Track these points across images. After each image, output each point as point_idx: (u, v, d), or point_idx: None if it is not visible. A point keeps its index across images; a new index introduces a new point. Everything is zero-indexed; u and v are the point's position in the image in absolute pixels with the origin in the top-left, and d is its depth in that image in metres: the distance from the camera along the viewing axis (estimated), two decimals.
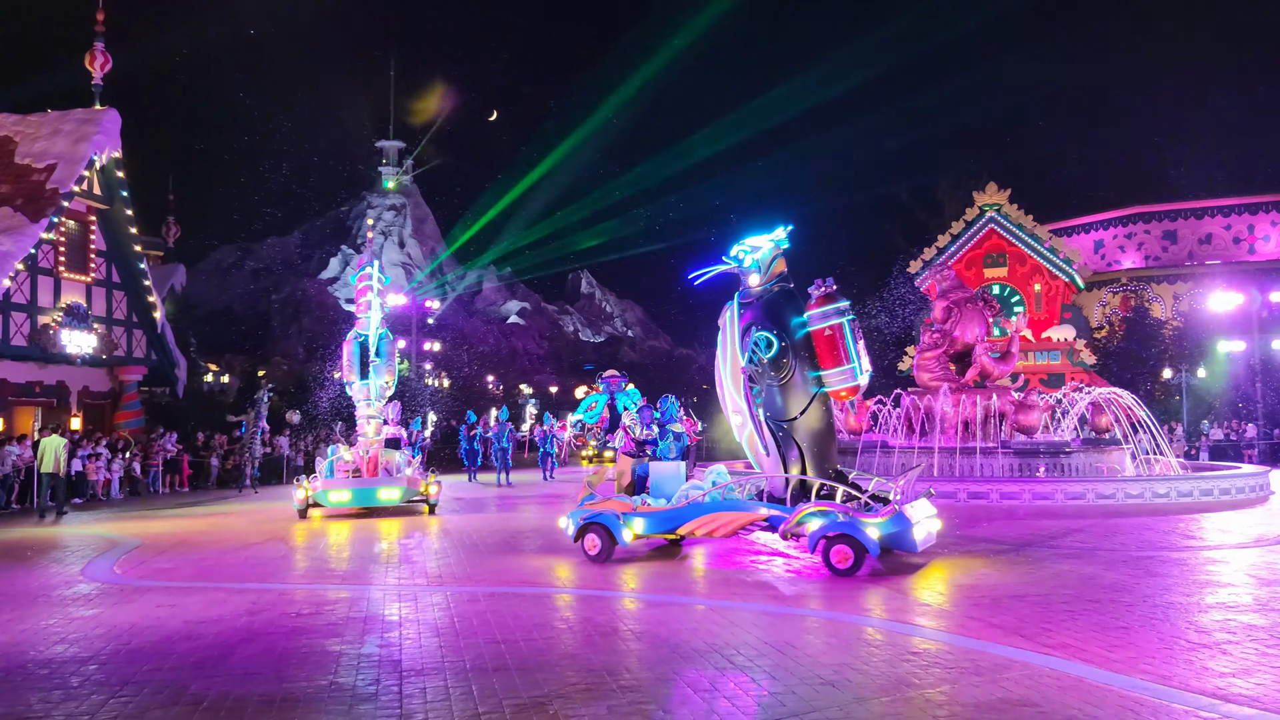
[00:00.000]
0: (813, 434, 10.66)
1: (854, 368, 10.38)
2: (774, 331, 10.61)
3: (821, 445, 10.70)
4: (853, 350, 10.40)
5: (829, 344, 10.42)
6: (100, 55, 26.38)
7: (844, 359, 10.38)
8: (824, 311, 10.48)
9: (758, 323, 10.74)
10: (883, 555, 10.10)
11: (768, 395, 10.82)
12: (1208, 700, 5.45)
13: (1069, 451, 17.81)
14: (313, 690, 5.91)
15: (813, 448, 10.65)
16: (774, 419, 10.77)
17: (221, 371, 38.55)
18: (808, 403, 10.61)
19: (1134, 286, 38.95)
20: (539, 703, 5.54)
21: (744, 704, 5.49)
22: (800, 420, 10.63)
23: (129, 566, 11.27)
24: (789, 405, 10.65)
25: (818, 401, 10.65)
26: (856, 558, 9.57)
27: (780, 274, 10.98)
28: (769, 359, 10.63)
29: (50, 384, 25.50)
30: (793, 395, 10.64)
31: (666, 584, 9.60)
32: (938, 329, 19.88)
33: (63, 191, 23.67)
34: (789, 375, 10.60)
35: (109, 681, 6.17)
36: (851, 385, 10.49)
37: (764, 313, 10.76)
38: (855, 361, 10.39)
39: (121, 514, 18.24)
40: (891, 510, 9.83)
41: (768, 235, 11.06)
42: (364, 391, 18.18)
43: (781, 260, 11.04)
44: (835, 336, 10.39)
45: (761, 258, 11.00)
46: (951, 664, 6.24)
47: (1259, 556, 10.94)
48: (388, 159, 78.14)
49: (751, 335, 10.72)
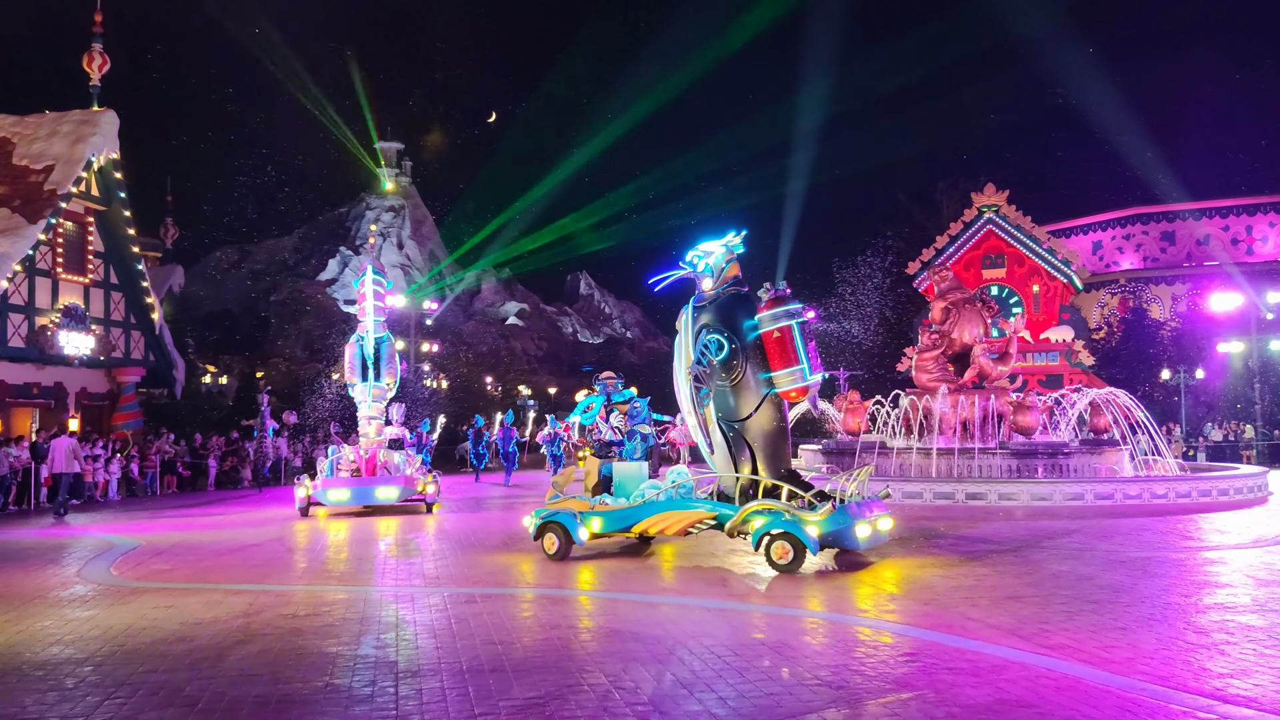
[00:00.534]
0: (764, 434, 10.89)
1: (803, 369, 10.65)
2: (725, 334, 10.89)
3: (773, 445, 10.93)
4: (802, 352, 10.64)
5: (779, 345, 10.68)
6: (98, 56, 26.38)
7: (793, 360, 10.64)
8: (774, 314, 10.74)
9: (710, 326, 11.03)
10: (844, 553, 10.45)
11: (719, 396, 11.08)
12: (1206, 701, 5.44)
13: (1067, 452, 17.79)
14: (309, 691, 5.89)
15: (764, 447, 10.89)
16: (726, 419, 11.04)
17: (220, 373, 38.51)
18: (759, 403, 10.86)
19: (1132, 287, 38.97)
20: (535, 704, 5.52)
21: (745, 707, 5.47)
22: (751, 420, 10.87)
23: (126, 568, 11.25)
24: (740, 406, 10.90)
25: (769, 402, 10.88)
26: (796, 554, 9.88)
27: (734, 278, 11.27)
28: (720, 360, 10.89)
29: (48, 385, 25.48)
30: (744, 396, 10.89)
31: (665, 585, 9.58)
32: (936, 330, 19.87)
33: (60, 193, 23.66)
34: (739, 376, 10.85)
35: (104, 683, 6.15)
36: (801, 386, 10.72)
37: (716, 316, 11.06)
38: (804, 363, 10.65)
39: (119, 515, 18.21)
40: (830, 508, 10.04)
41: (720, 240, 11.37)
42: (366, 393, 18.58)
43: (735, 265, 11.33)
44: (785, 338, 10.66)
45: (714, 263, 11.30)
46: (948, 665, 6.23)
47: (1257, 557, 10.93)
48: (386, 160, 78.13)
49: (702, 338, 11.04)
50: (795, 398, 10.98)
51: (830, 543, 10.09)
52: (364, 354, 18.83)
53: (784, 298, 10.90)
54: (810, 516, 9.93)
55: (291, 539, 13.93)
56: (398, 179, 77.20)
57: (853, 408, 19.69)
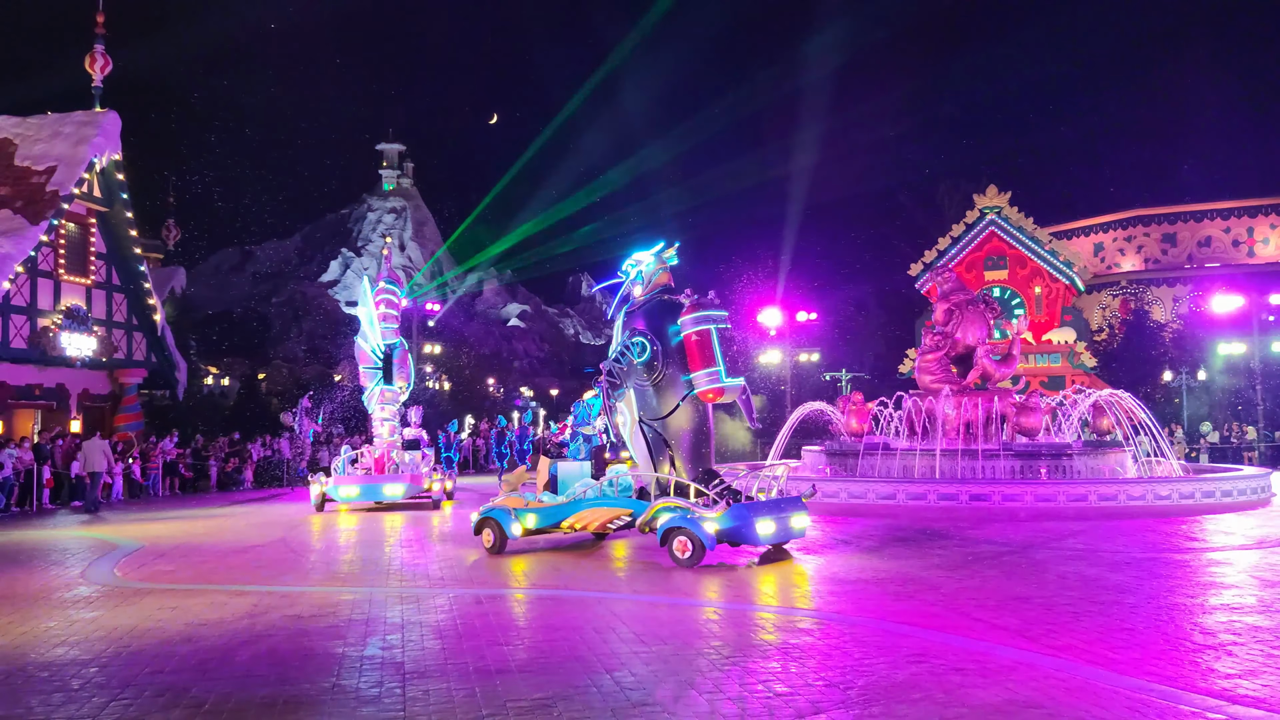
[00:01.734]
0: (682, 432, 11.57)
1: (719, 370, 11.28)
2: (649, 336, 11.63)
3: (691, 443, 11.55)
4: (719, 355, 11.27)
5: (698, 348, 11.33)
6: (100, 57, 26.38)
7: (711, 362, 11.28)
8: (695, 318, 11.38)
9: (635, 329, 11.79)
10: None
11: (641, 395, 11.76)
12: (1214, 701, 5.43)
13: (1071, 454, 17.77)
14: (315, 692, 5.88)
15: (682, 445, 11.56)
16: (647, 418, 11.70)
17: (221, 374, 38.52)
18: (678, 402, 11.54)
19: (1134, 289, 38.95)
20: (543, 705, 5.51)
21: (752, 705, 5.46)
22: (670, 419, 11.57)
23: (129, 569, 11.24)
24: (660, 404, 11.62)
25: (688, 402, 11.53)
26: (695, 550, 10.40)
27: (663, 285, 12.05)
28: (642, 362, 11.61)
29: (50, 387, 25.46)
30: (663, 395, 11.60)
31: (670, 585, 9.57)
32: (939, 331, 19.85)
33: (62, 194, 23.65)
34: (659, 376, 11.57)
35: (110, 684, 6.14)
36: (717, 387, 11.31)
37: (642, 319, 11.84)
38: (720, 365, 11.29)
39: (121, 517, 18.21)
40: (724, 507, 10.55)
41: (650, 250, 12.24)
42: (380, 396, 19.52)
43: (666, 274, 12.12)
44: (704, 341, 11.30)
45: (644, 271, 12.18)
46: (956, 665, 6.22)
47: (1261, 558, 10.92)
48: (388, 161, 78.17)
49: (625, 339, 11.83)
50: (712, 398, 11.51)
51: (729, 539, 10.55)
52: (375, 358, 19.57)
53: (705, 304, 11.51)
54: (708, 514, 10.47)
55: (295, 540, 13.92)
56: (400, 180, 77.23)
57: (856, 409, 19.67)
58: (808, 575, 10.00)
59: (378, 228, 73.43)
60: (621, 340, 11.92)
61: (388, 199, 75.90)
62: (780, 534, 10.89)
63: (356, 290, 69.39)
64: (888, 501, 16.09)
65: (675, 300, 11.86)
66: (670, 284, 12.09)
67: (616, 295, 12.55)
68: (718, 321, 11.37)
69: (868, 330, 46.09)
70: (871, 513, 15.73)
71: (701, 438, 11.61)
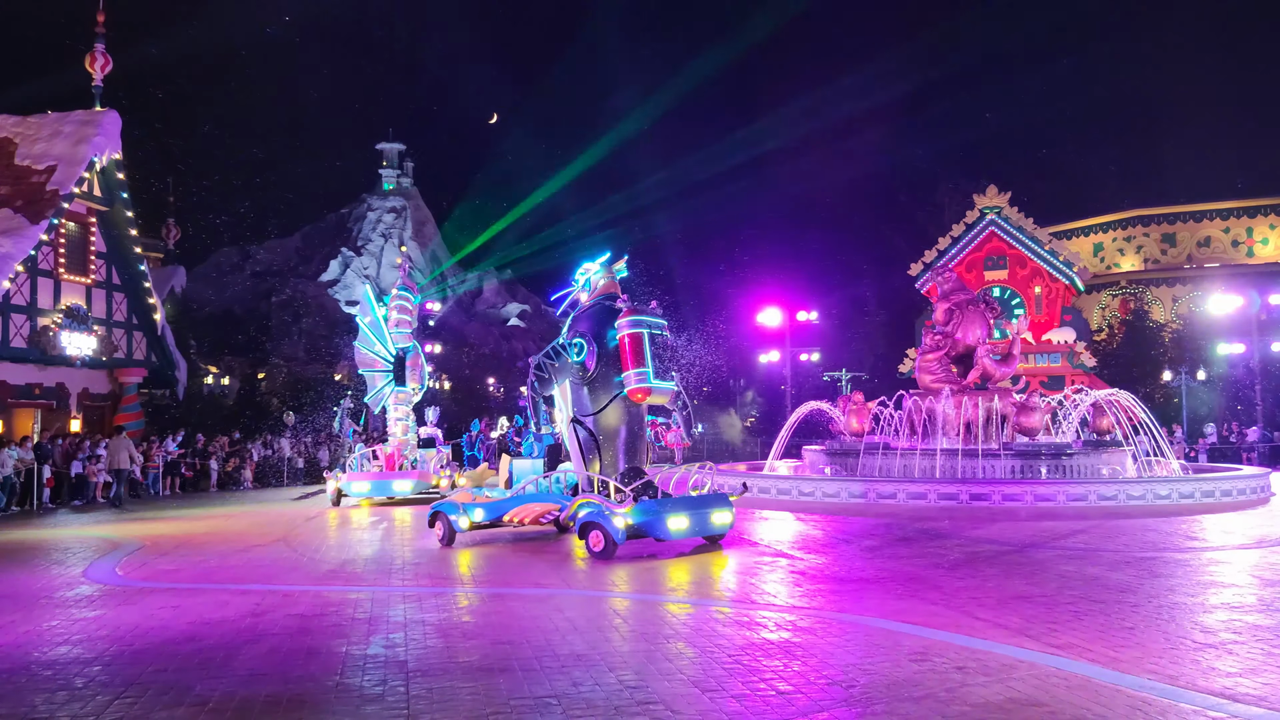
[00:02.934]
0: (611, 429, 12.36)
1: (647, 372, 11.95)
2: (588, 338, 12.43)
3: (618, 440, 12.28)
4: (648, 358, 11.95)
5: (631, 350, 12.05)
6: (100, 57, 26.38)
7: (641, 363, 11.99)
8: (630, 321, 12.09)
9: (578, 331, 12.60)
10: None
11: (576, 394, 12.56)
12: (1215, 700, 5.45)
13: (1071, 453, 17.78)
14: (319, 691, 5.89)
15: (610, 441, 12.33)
16: (579, 414, 12.48)
17: (221, 374, 38.52)
18: (609, 401, 12.28)
19: (1133, 289, 38.98)
20: (545, 703, 5.52)
21: (754, 704, 5.47)
22: (600, 416, 12.33)
23: (131, 568, 11.25)
24: (591, 402, 12.40)
25: (619, 401, 12.25)
26: (608, 544, 11.00)
27: (607, 293, 12.80)
28: (578, 361, 12.39)
29: (50, 386, 25.46)
30: (595, 394, 12.39)
31: (668, 585, 9.58)
32: (939, 331, 19.87)
33: (62, 193, 23.65)
34: (593, 375, 12.36)
35: (113, 682, 6.15)
36: (645, 386, 11.98)
37: (585, 323, 12.65)
38: (649, 367, 11.95)
39: (122, 516, 18.22)
40: (630, 503, 11.19)
41: (597, 261, 13.17)
42: (394, 397, 20.60)
43: (612, 283, 12.93)
44: (636, 344, 12.01)
45: (590, 279, 13.07)
46: (958, 664, 6.23)
47: (1261, 557, 10.94)
48: (388, 161, 78.14)
49: (563, 339, 12.65)
50: (640, 398, 12.16)
51: (639, 533, 11.17)
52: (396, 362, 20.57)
53: (641, 310, 12.26)
54: (619, 510, 11.10)
55: (296, 539, 13.92)
56: (399, 180, 77.19)
57: (856, 409, 19.68)
58: (804, 573, 10.02)
59: (377, 227, 73.41)
60: (558, 340, 12.72)
61: (388, 199, 75.85)
62: (696, 529, 11.46)
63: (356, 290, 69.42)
64: (888, 501, 16.10)
65: (616, 306, 12.55)
66: (615, 292, 12.80)
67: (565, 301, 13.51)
68: (652, 327, 12.06)
69: (868, 330, 46.12)
70: (872, 512, 15.74)
71: (629, 435, 12.29)
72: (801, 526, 14.46)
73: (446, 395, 41.12)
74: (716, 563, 10.89)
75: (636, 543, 11.72)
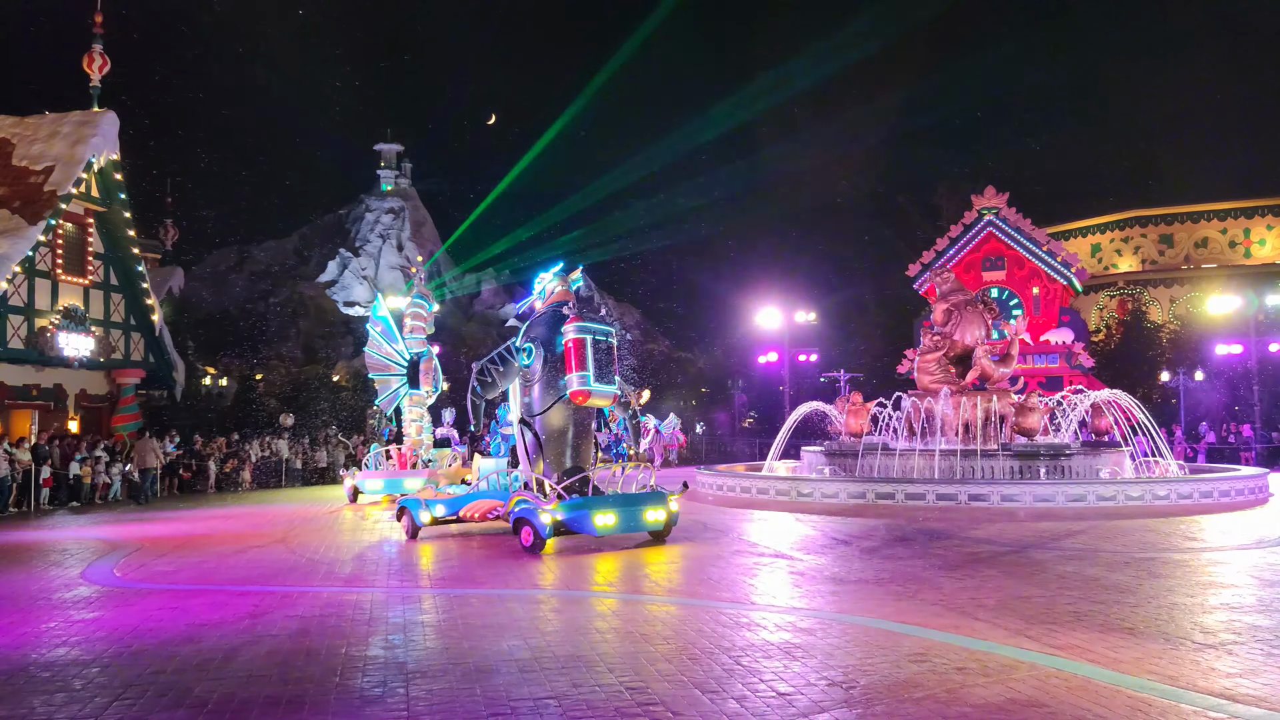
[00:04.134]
0: (554, 429, 12.97)
1: (587, 375, 12.46)
2: (538, 343, 13.11)
3: (560, 440, 12.93)
4: (589, 362, 12.49)
5: (574, 354, 12.56)
6: (98, 57, 26.34)
7: (583, 367, 12.48)
8: (576, 327, 12.63)
9: (530, 336, 13.29)
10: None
11: (524, 396, 13.26)
12: (1216, 700, 5.45)
13: (1069, 454, 17.80)
14: (318, 692, 5.88)
15: (552, 440, 12.95)
16: (526, 414, 13.14)
17: (219, 375, 38.46)
18: (553, 402, 12.85)
19: (1131, 290, 39.04)
20: (546, 703, 5.51)
21: (754, 705, 5.47)
22: (545, 416, 12.94)
23: (129, 569, 11.23)
24: (536, 403, 13.04)
25: (562, 403, 12.79)
26: (537, 538, 11.66)
27: (559, 301, 13.39)
28: (526, 365, 13.09)
29: (47, 387, 25.42)
30: (541, 395, 13.01)
31: (662, 586, 9.58)
32: (938, 331, 19.88)
33: (60, 194, 23.61)
34: (539, 378, 13.01)
35: (112, 684, 6.14)
36: (585, 389, 12.46)
37: (536, 329, 13.36)
38: (589, 371, 12.47)
39: (120, 517, 18.19)
40: (555, 500, 11.84)
41: (550, 271, 13.92)
42: (409, 399, 21.50)
43: (565, 291, 13.56)
44: (578, 349, 12.52)
45: (544, 288, 13.82)
46: (958, 664, 6.23)
47: (1260, 557, 10.95)
48: (386, 161, 78.09)
49: (513, 344, 13.40)
50: (581, 400, 12.64)
51: (566, 529, 11.84)
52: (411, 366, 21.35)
53: (588, 317, 12.84)
54: (546, 506, 11.76)
55: (295, 540, 13.90)
56: (398, 181, 77.12)
57: (855, 409, 19.69)
58: (804, 574, 10.02)
59: (375, 228, 73.33)
60: (512, 342, 13.54)
61: (385, 199, 75.77)
62: (626, 526, 12.05)
63: (354, 291, 69.38)
64: (887, 501, 16.12)
65: (565, 313, 13.14)
66: (568, 300, 13.41)
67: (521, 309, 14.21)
68: (596, 333, 12.64)
69: (866, 330, 46.14)
70: (871, 512, 15.75)
71: (574, 434, 12.98)
72: (800, 527, 14.46)
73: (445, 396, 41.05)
74: (712, 563, 10.89)
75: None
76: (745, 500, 18.13)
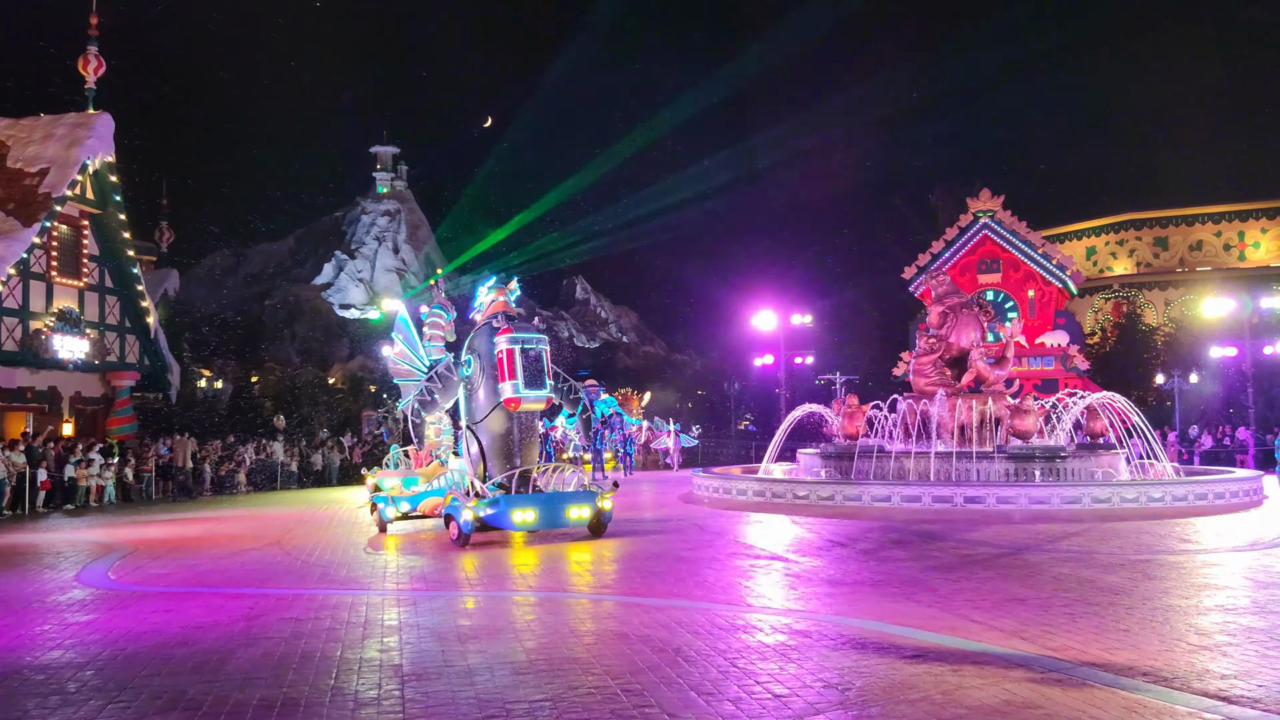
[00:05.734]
0: (493, 434, 13.90)
1: (517, 383, 13.41)
2: (475, 354, 14.05)
3: (503, 442, 13.87)
4: (519, 371, 13.44)
5: (506, 363, 13.53)
6: (94, 59, 26.29)
7: (513, 376, 13.46)
8: (507, 338, 13.58)
9: (469, 349, 14.26)
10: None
11: (468, 404, 14.22)
12: (1211, 702, 5.46)
13: (1065, 456, 17.83)
14: (314, 694, 5.86)
15: (492, 445, 13.89)
16: (469, 421, 14.12)
17: (215, 377, 38.40)
18: (491, 409, 13.80)
19: (1126, 292, 39.16)
20: (542, 706, 5.51)
21: (750, 707, 5.47)
22: (484, 422, 13.89)
23: (124, 572, 11.20)
24: (476, 410, 14.06)
25: (499, 409, 13.74)
26: (459, 533, 12.72)
27: (495, 314, 14.28)
28: (465, 376, 14.19)
29: (42, 389, 25.33)
30: (478, 403, 14.00)
31: (662, 589, 9.57)
32: (933, 334, 19.91)
33: (55, 196, 23.56)
34: (477, 387, 14.01)
35: (106, 687, 6.12)
36: (515, 396, 13.46)
37: (475, 341, 14.27)
38: (520, 379, 13.42)
39: (115, 520, 18.14)
40: (473, 498, 12.90)
41: (486, 285, 14.97)
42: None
43: (502, 302, 14.48)
44: (509, 359, 13.49)
45: (481, 302, 14.81)
46: (955, 666, 6.24)
47: (1255, 559, 10.98)
48: (382, 164, 78.06)
49: (464, 354, 14.34)
50: (514, 406, 13.60)
51: (486, 525, 12.78)
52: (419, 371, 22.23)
53: (518, 328, 13.82)
54: (468, 504, 12.77)
55: (290, 542, 13.88)
56: (393, 183, 77.07)
57: (850, 412, 19.70)
58: (799, 575, 10.02)
59: (371, 230, 73.29)
60: (445, 363, 14.68)
61: (381, 202, 75.72)
62: (545, 522, 12.98)
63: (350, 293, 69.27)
64: (883, 504, 16.13)
65: (496, 325, 14.06)
66: (506, 310, 14.33)
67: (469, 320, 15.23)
68: (525, 343, 13.58)
69: (862, 333, 46.21)
70: (867, 515, 15.76)
71: (514, 438, 13.89)
72: (796, 529, 14.47)
73: None
74: (708, 565, 10.89)
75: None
76: (741, 503, 18.13)
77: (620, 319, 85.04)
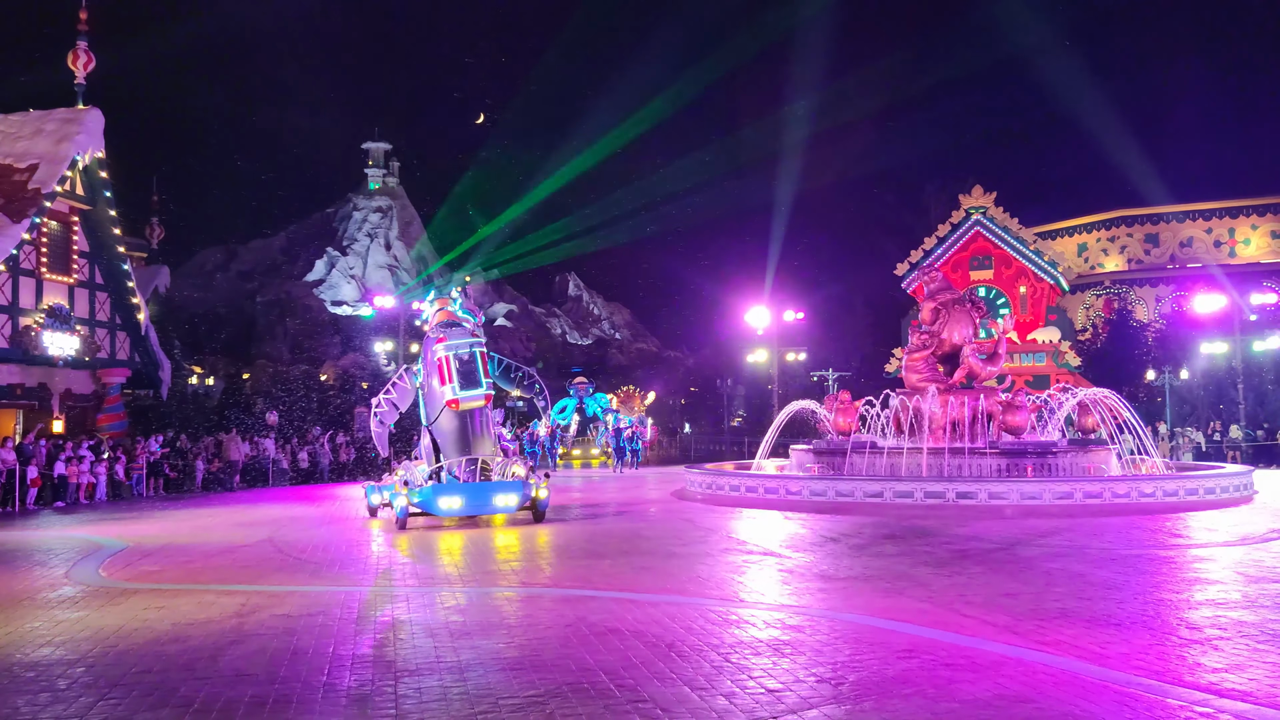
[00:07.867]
0: (444, 432, 15.22)
1: (454, 386, 14.80)
2: (424, 364, 15.57)
3: (455, 437, 15.12)
4: (454, 375, 14.82)
5: (441, 370, 14.95)
6: (83, 54, 26.15)
7: (450, 380, 14.84)
8: (443, 345, 14.98)
9: (422, 359, 15.85)
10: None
11: (425, 408, 15.64)
12: (1201, 695, 5.48)
13: (1056, 452, 17.89)
14: (306, 691, 5.84)
15: (444, 442, 15.21)
16: (426, 422, 15.56)
17: (206, 374, 38.26)
18: (440, 410, 15.13)
19: (1117, 289, 39.27)
20: (535, 701, 5.50)
21: (743, 702, 5.47)
22: (436, 422, 15.26)
23: (115, 569, 11.15)
24: (430, 412, 15.48)
25: (447, 410, 15.04)
26: (398, 518, 14.43)
27: (439, 323, 15.69)
28: (419, 383, 15.80)
29: (32, 386, 25.22)
30: (430, 405, 15.45)
31: (660, 583, 9.57)
32: (925, 330, 19.94)
33: (45, 192, 23.44)
34: (428, 392, 15.46)
35: (97, 684, 6.09)
36: (454, 398, 14.82)
37: (424, 351, 15.76)
38: (455, 382, 14.79)
39: (105, 517, 18.06)
40: (408, 487, 14.58)
41: (428, 300, 16.66)
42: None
43: (445, 312, 16.03)
44: (444, 365, 14.92)
45: (426, 315, 16.44)
46: (946, 661, 6.25)
47: (1245, 554, 11.03)
48: (374, 160, 77.83)
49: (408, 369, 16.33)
50: (455, 408, 14.92)
51: (419, 511, 14.58)
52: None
53: (451, 335, 15.06)
54: (402, 491, 14.51)
55: (281, 539, 13.83)
56: (385, 179, 76.87)
57: (843, 408, 19.73)
58: (794, 572, 10.04)
59: (363, 227, 73.14)
60: (399, 372, 16.40)
61: (373, 198, 75.52)
62: (472, 508, 14.45)
63: (342, 290, 69.04)
64: (875, 499, 16.16)
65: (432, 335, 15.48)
66: (450, 319, 15.70)
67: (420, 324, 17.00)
68: (459, 349, 14.88)
69: (855, 329, 46.31)
70: (859, 510, 15.79)
71: (472, 431, 15.14)
72: (789, 525, 14.49)
73: None
74: (701, 560, 10.89)
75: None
76: (734, 499, 18.15)
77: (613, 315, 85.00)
